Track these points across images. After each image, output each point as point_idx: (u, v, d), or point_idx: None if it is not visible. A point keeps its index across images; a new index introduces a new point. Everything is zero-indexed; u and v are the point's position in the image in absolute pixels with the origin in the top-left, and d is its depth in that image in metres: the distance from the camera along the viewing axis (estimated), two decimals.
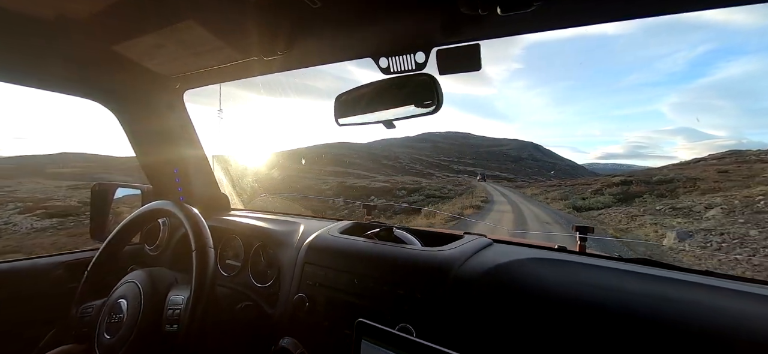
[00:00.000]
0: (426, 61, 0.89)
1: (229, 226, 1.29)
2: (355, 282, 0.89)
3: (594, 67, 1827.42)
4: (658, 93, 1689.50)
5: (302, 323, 0.95)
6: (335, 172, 62.17)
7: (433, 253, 0.88)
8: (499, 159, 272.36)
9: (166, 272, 1.01)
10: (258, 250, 1.19)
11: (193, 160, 1.49)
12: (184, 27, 0.82)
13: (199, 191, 1.51)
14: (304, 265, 1.00)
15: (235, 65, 1.02)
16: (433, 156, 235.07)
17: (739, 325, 0.61)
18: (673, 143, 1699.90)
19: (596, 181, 31.98)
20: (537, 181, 79.86)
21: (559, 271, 0.81)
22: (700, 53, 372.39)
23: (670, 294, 0.70)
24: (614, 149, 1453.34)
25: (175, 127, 1.41)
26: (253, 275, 1.17)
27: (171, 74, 1.10)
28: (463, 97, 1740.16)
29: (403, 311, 0.81)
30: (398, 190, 23.01)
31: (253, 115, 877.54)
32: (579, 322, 0.69)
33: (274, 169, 15.97)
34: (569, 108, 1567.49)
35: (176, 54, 0.95)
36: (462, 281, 0.80)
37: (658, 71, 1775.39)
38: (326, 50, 1.00)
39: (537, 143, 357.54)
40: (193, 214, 0.96)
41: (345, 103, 1.03)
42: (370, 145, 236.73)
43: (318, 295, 0.94)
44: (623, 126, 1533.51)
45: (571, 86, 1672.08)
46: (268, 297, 1.08)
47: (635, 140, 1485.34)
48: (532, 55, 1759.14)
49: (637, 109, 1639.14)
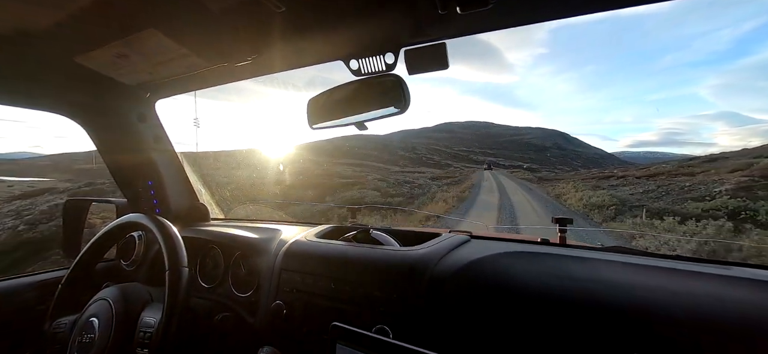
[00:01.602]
0: (395, 62, 0.90)
1: (209, 236, 1.28)
2: (332, 286, 0.90)
3: (625, 49, 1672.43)
4: (696, 75, 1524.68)
5: (281, 331, 0.95)
6: (348, 163, 62.63)
7: (409, 252, 0.89)
8: (522, 148, 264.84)
9: (139, 289, 1.00)
10: (238, 259, 1.19)
11: (169, 171, 1.47)
12: (146, 36, 0.81)
13: (176, 203, 1.49)
14: (281, 272, 1.00)
15: (205, 72, 1.01)
16: (451, 146, 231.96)
17: (703, 305, 0.63)
18: (713, 129, 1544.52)
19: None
20: (564, 173, 74.50)
21: (536, 264, 0.83)
22: (747, 30, 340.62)
23: (642, 280, 0.72)
24: (646, 136, 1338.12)
25: (147, 138, 1.39)
26: (233, 285, 1.16)
27: (139, 84, 1.10)
28: (484, 85, 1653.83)
29: (379, 313, 0.81)
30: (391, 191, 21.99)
31: (272, 111, 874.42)
32: (553, 313, 0.70)
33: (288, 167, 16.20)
34: (598, 94, 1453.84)
35: (141, 64, 0.94)
36: (437, 279, 0.80)
37: (697, 51, 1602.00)
38: (296, 54, 0.99)
39: (563, 132, 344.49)
40: (167, 228, 0.95)
41: (317, 106, 1.02)
42: (386, 137, 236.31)
43: (296, 302, 0.94)
44: (656, 111, 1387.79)
45: (600, 70, 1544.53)
46: (249, 306, 1.08)
47: (670, 126, 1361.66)
48: (558, 38, 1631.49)
49: (673, 93, 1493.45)
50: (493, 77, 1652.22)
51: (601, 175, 32.06)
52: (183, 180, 1.54)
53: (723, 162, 24.41)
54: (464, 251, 0.91)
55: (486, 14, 0.71)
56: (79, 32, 0.80)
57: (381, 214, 10.74)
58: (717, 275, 0.71)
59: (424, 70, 0.88)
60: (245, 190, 14.87)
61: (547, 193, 22.28)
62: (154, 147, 1.42)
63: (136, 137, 1.36)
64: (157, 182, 1.44)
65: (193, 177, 1.58)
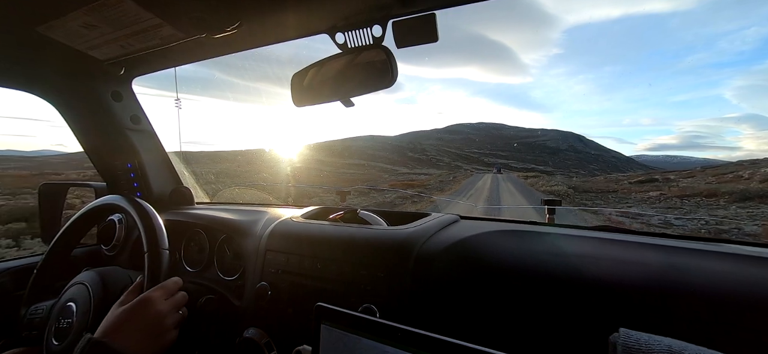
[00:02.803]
0: (383, 35, 0.86)
1: (193, 219, 1.25)
2: (318, 266, 0.88)
3: (645, 49, 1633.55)
4: (721, 76, 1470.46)
5: (266, 312, 0.93)
6: (357, 164, 63.12)
7: (397, 231, 0.88)
8: (535, 151, 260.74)
9: (119, 272, 0.97)
10: (223, 242, 1.16)
11: (149, 153, 1.42)
12: (112, 4, 0.76)
13: (158, 185, 1.44)
14: (266, 252, 0.99)
15: (182, 46, 0.96)
16: (463, 148, 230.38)
17: (689, 279, 0.64)
18: (737, 132, 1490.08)
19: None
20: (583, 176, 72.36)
21: (524, 241, 0.82)
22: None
23: (630, 255, 0.73)
24: (666, 139, 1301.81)
25: (124, 119, 1.33)
26: (219, 268, 1.15)
27: (111, 58, 1.05)
28: (496, 86, 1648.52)
29: (366, 292, 0.80)
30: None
31: (285, 111, 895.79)
32: (541, 289, 0.69)
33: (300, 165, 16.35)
34: (615, 95, 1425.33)
35: (111, 35, 0.89)
36: (424, 258, 0.79)
37: (722, 51, 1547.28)
38: (279, 27, 0.94)
39: (578, 134, 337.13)
40: (145, 209, 0.91)
41: (302, 83, 0.98)
42: (395, 138, 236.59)
43: (281, 283, 0.93)
44: (678, 113, 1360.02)
45: (617, 71, 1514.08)
46: (235, 289, 1.06)
47: (691, 129, 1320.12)
48: (574, 39, 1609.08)
49: (695, 95, 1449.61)
50: (507, 78, 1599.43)
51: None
52: (165, 163, 1.49)
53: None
54: (453, 230, 0.90)
55: None
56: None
57: (369, 198, 10.79)
58: (702, 251, 0.72)
59: (413, 42, 0.84)
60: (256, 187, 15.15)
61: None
62: (133, 128, 1.36)
63: (112, 117, 1.30)
64: (137, 165, 1.39)
65: (176, 159, 1.53)
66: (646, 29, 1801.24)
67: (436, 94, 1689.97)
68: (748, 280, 0.62)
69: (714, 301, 0.59)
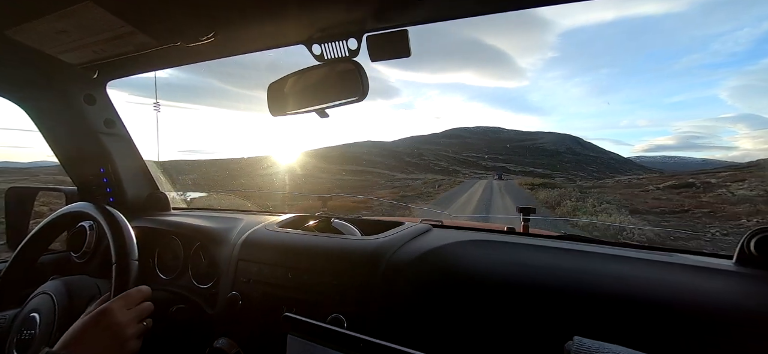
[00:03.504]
0: (358, 48, 0.88)
1: (168, 226, 1.24)
2: (289, 276, 0.88)
3: (640, 52, 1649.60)
4: (716, 77, 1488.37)
5: (237, 322, 0.93)
6: (354, 170, 62.78)
7: (368, 241, 0.89)
8: (534, 154, 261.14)
9: (86, 281, 0.94)
10: (198, 249, 1.15)
11: (124, 158, 1.39)
12: (84, 10, 0.75)
13: (132, 191, 1.42)
14: (238, 262, 0.99)
15: (158, 52, 0.95)
16: (460, 152, 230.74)
17: (643, 288, 0.67)
18: (734, 132, 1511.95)
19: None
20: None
21: (493, 251, 0.85)
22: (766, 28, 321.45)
23: (592, 267, 0.76)
24: (663, 140, 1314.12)
25: (97, 122, 1.30)
26: (193, 276, 1.13)
27: (83, 63, 1.05)
28: (494, 90, 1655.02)
29: (335, 302, 0.81)
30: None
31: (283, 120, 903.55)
32: (505, 298, 0.71)
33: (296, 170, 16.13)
34: (612, 97, 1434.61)
35: (83, 40, 0.88)
36: (394, 268, 0.80)
37: (716, 52, 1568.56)
38: (256, 37, 0.95)
39: (576, 136, 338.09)
40: (114, 217, 0.89)
41: (278, 93, 0.99)
42: (393, 144, 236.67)
43: (252, 292, 0.93)
44: (674, 114, 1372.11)
45: (613, 74, 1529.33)
46: (209, 297, 1.05)
47: (688, 130, 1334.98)
48: (570, 42, 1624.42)
49: (691, 96, 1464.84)
50: (503, 82, 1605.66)
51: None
52: (140, 167, 1.47)
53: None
54: (423, 240, 0.91)
55: (445, 2, 0.71)
56: (8, 1, 0.75)
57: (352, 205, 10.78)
58: (653, 261, 0.76)
59: (387, 57, 0.86)
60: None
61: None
62: (107, 132, 1.33)
63: (84, 121, 1.27)
64: (110, 170, 1.36)
65: (152, 165, 1.51)
66: (640, 31, 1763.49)
67: (433, 99, 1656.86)
68: (689, 289, 0.66)
69: (659, 308, 0.63)
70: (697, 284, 0.68)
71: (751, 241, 0.73)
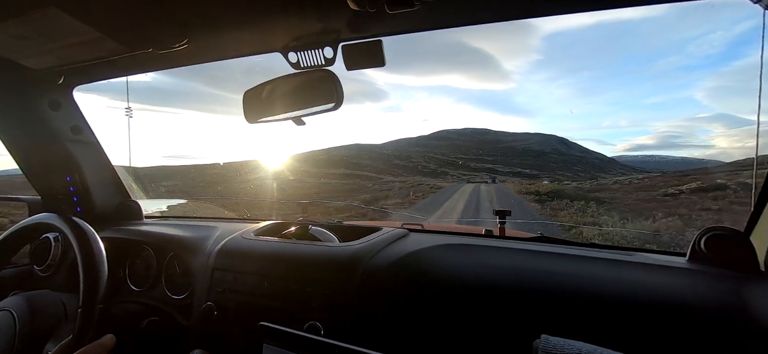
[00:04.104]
0: (334, 57, 0.88)
1: (140, 236, 1.20)
2: (265, 284, 0.88)
3: (620, 54, 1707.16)
4: (692, 78, 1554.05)
5: (212, 332, 0.92)
6: (340, 173, 61.98)
7: (344, 248, 0.89)
8: (521, 154, 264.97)
9: (50, 297, 0.91)
10: (172, 259, 1.12)
11: (92, 166, 1.34)
12: (48, 15, 0.73)
13: (102, 200, 1.37)
14: (213, 271, 0.97)
15: (128, 58, 0.93)
16: (448, 154, 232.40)
17: (605, 287, 0.72)
18: (710, 131, 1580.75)
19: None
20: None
21: (470, 255, 0.87)
22: (739, 32, 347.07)
23: (558, 267, 0.80)
24: (644, 140, 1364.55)
25: (63, 129, 1.25)
26: (167, 287, 1.10)
27: (47, 68, 1.02)
28: (480, 93, 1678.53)
29: (312, 309, 0.81)
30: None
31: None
32: (477, 300, 0.74)
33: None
34: (595, 99, 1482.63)
35: (46, 46, 0.84)
36: (370, 273, 0.81)
37: (691, 55, 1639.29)
38: (231, 44, 0.94)
39: (562, 137, 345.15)
40: (82, 229, 0.85)
41: (255, 100, 0.98)
42: (382, 146, 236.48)
43: (227, 302, 0.91)
44: (653, 115, 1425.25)
45: (596, 76, 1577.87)
46: (183, 309, 1.03)
47: (667, 130, 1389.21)
48: (554, 45, 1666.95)
49: (669, 97, 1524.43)
50: (490, 85, 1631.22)
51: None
52: (110, 175, 1.42)
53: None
54: (401, 245, 0.93)
55: (416, 14, 0.72)
56: None
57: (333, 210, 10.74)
58: (616, 260, 0.81)
59: (362, 66, 0.88)
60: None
61: None
62: (73, 139, 1.28)
63: (49, 127, 1.21)
64: (77, 178, 1.31)
65: (123, 173, 1.46)
66: (619, 35, 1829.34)
67: (421, 101, 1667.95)
68: (646, 285, 0.71)
69: (619, 304, 0.67)
70: (654, 280, 0.73)
71: (701, 240, 0.78)
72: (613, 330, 0.65)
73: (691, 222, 16.94)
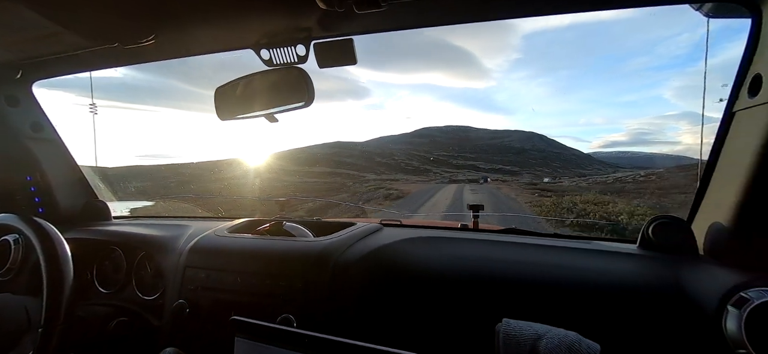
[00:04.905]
0: (307, 55, 0.89)
1: (108, 237, 1.17)
2: (238, 280, 0.88)
3: (596, 54, 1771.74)
4: (661, 78, 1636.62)
5: (185, 331, 0.92)
6: (322, 172, 61.08)
7: (317, 242, 0.91)
8: (502, 151, 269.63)
9: (10, 301, 0.87)
10: (142, 259, 1.10)
11: (54, 165, 1.28)
12: (2, 8, 0.70)
13: (66, 200, 1.32)
14: (185, 269, 0.96)
15: (92, 53, 0.91)
16: (431, 151, 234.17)
17: (557, 273, 0.77)
18: (677, 129, 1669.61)
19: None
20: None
21: (441, 247, 0.90)
22: (704, 34, 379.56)
23: (525, 257, 0.84)
24: (617, 137, 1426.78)
25: (22, 126, 1.19)
26: (138, 288, 1.08)
27: (3, 62, 0.96)
28: (463, 90, 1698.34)
29: (285, 302, 0.82)
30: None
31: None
32: (446, 290, 0.77)
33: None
34: (571, 97, 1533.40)
35: (5, 40, 0.82)
36: (342, 266, 0.83)
37: (661, 55, 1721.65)
38: (201, 40, 0.93)
39: (540, 133, 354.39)
40: (45, 230, 0.83)
41: (226, 97, 0.98)
42: (364, 144, 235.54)
43: (200, 300, 0.91)
44: (626, 113, 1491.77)
45: (572, 75, 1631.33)
46: (155, 309, 1.01)
47: (638, 127, 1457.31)
48: (532, 44, 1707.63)
49: (640, 95, 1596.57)
50: (472, 83, 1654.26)
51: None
52: (75, 175, 1.36)
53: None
54: (374, 239, 0.95)
55: (385, 14, 0.74)
56: None
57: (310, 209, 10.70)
58: (575, 248, 0.86)
59: (334, 64, 0.89)
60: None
61: None
62: (33, 136, 1.23)
63: (6, 124, 1.16)
64: (39, 177, 1.26)
65: (90, 172, 1.42)
66: (594, 36, 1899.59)
67: (404, 99, 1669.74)
68: (600, 270, 0.77)
69: (576, 288, 0.73)
70: (607, 266, 0.79)
71: (649, 227, 0.85)
72: (570, 311, 0.71)
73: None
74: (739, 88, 0.70)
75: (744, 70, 0.68)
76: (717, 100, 6.10)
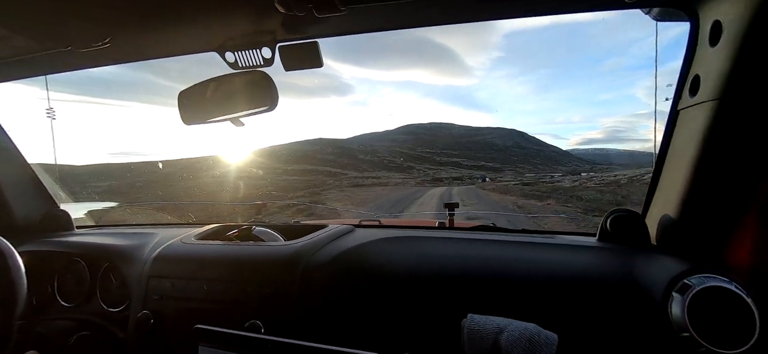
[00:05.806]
0: (273, 58, 0.88)
1: (69, 248, 1.11)
2: (204, 288, 0.87)
3: (573, 54, 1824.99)
4: (634, 77, 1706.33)
5: (149, 342, 0.89)
6: (300, 170, 60.12)
7: (287, 246, 0.90)
8: (484, 148, 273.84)
9: None
10: (107, 271, 1.06)
11: (8, 173, 1.22)
12: None
13: (21, 211, 1.25)
14: (149, 279, 0.94)
15: (41, 57, 0.87)
16: (414, 148, 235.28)
17: (520, 268, 0.79)
18: (648, 126, 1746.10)
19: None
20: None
21: (412, 246, 0.91)
22: (672, 36, 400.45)
23: (493, 253, 0.86)
24: (594, 134, 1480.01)
25: None
26: (104, 300, 1.04)
27: None
28: (445, 88, 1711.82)
29: (253, 309, 0.81)
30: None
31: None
32: (415, 287, 0.78)
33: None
34: (551, 95, 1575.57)
35: None
36: (310, 270, 0.83)
37: (634, 55, 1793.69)
38: (160, 43, 0.91)
39: (521, 131, 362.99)
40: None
41: (191, 101, 0.95)
42: (347, 141, 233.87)
43: (165, 309, 0.89)
44: (602, 111, 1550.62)
45: (552, 74, 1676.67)
46: (120, 321, 0.98)
47: (613, 125, 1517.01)
48: (513, 42, 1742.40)
49: (616, 94, 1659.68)
50: (454, 80, 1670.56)
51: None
52: (30, 183, 1.29)
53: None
54: (345, 240, 0.95)
55: (347, 18, 0.74)
56: None
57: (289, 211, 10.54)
58: (540, 243, 0.89)
59: (300, 67, 0.88)
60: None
61: None
62: None
63: None
64: None
65: (48, 179, 1.33)
66: (572, 36, 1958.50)
67: (387, 96, 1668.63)
68: (562, 263, 0.80)
69: (539, 282, 0.76)
70: (568, 259, 0.82)
71: (607, 221, 0.89)
72: (532, 304, 0.73)
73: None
74: (681, 88, 0.74)
75: (685, 72, 0.73)
76: (663, 99, 6.41)
